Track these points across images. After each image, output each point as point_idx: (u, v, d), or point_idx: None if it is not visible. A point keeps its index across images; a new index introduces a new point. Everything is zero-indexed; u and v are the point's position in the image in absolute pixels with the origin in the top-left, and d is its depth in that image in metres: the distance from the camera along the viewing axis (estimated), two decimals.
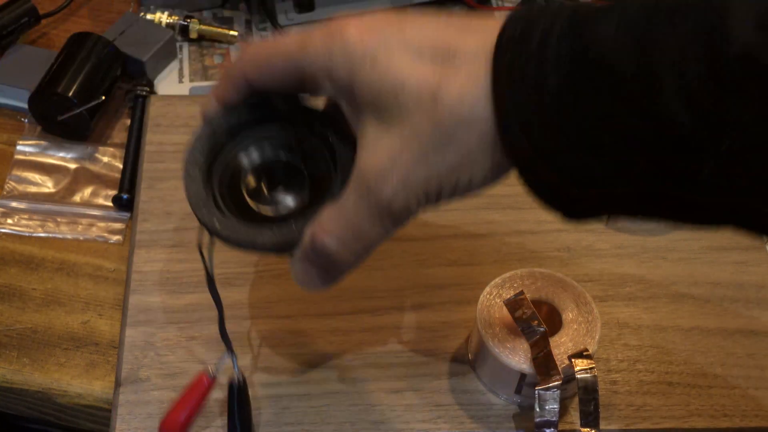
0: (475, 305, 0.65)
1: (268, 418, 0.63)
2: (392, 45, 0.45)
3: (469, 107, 0.44)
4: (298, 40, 0.48)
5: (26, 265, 0.72)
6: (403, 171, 0.46)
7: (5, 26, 0.82)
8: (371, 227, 0.48)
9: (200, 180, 0.52)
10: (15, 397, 0.68)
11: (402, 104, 0.45)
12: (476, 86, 0.43)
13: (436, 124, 0.44)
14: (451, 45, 0.45)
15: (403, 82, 0.45)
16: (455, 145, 0.45)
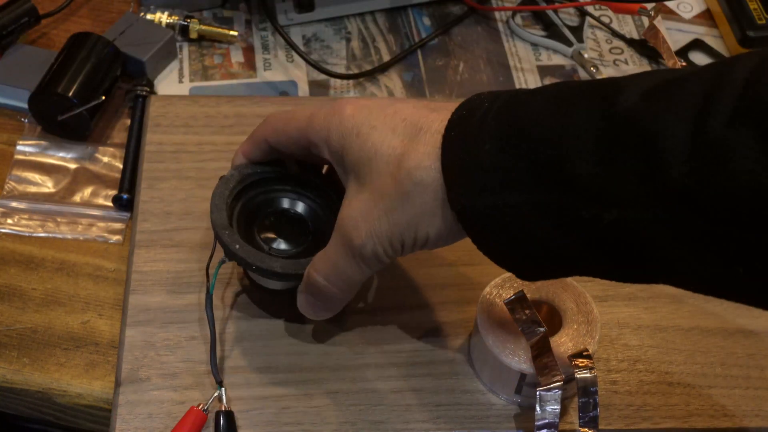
0: (475, 305, 0.65)
1: (268, 418, 0.63)
2: (375, 122, 0.56)
3: (424, 172, 0.53)
4: (308, 115, 0.60)
5: (26, 265, 0.72)
6: (371, 223, 0.56)
7: (5, 26, 0.82)
8: (349, 268, 0.58)
9: (224, 212, 0.62)
10: (15, 397, 0.68)
11: (374, 168, 0.55)
12: (431, 156, 0.53)
13: (397, 185, 0.54)
14: (419, 123, 0.55)
15: (377, 151, 0.55)
16: (412, 204, 0.54)
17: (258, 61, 0.87)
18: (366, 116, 0.57)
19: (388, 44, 0.90)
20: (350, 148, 0.57)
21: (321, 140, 0.59)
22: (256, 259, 0.61)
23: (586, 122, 0.48)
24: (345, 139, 0.57)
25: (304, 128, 0.60)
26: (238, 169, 0.65)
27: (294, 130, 0.61)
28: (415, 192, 0.54)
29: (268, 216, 0.66)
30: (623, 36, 0.92)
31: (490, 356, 0.63)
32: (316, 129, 0.59)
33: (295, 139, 0.61)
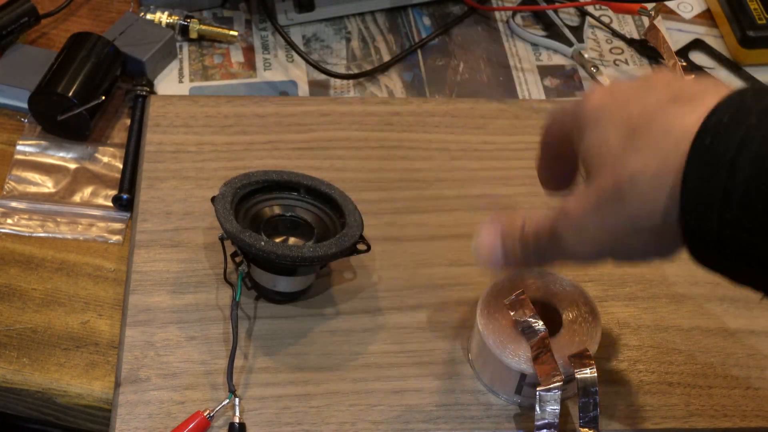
0: (475, 305, 0.65)
1: (268, 418, 0.63)
2: (613, 114, 0.50)
3: (650, 178, 0.47)
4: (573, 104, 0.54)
5: (26, 265, 0.72)
6: (581, 213, 0.51)
7: (5, 26, 0.82)
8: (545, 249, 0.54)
9: (234, 221, 0.64)
10: (15, 397, 0.67)
11: (598, 162, 0.50)
12: (665, 162, 0.47)
13: (616, 183, 0.48)
14: (657, 119, 0.48)
15: (603, 144, 0.50)
16: (628, 206, 0.48)
17: (258, 61, 0.87)
18: (607, 108, 0.51)
19: (388, 44, 0.90)
20: (587, 138, 0.51)
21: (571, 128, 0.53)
22: (285, 250, 0.62)
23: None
24: (585, 128, 0.52)
25: (560, 117, 0.55)
26: (228, 186, 0.66)
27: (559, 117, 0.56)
28: (633, 195, 0.48)
29: (271, 222, 0.67)
30: (623, 36, 0.92)
31: (490, 356, 0.63)
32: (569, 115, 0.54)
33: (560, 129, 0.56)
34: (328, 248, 0.64)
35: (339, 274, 0.70)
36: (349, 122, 0.79)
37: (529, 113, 0.81)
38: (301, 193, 0.69)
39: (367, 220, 0.69)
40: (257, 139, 0.77)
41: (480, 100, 0.82)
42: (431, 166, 0.77)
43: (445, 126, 0.80)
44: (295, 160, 0.76)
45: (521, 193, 0.76)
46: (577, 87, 0.88)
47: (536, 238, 0.54)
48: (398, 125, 0.79)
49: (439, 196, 0.75)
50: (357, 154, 0.77)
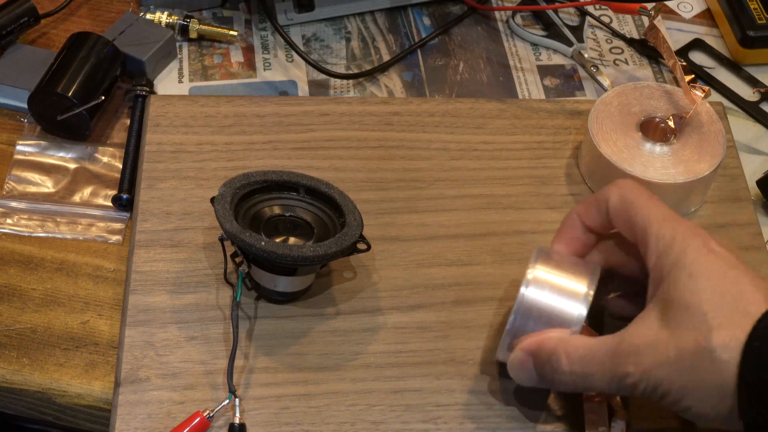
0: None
1: (268, 418, 0.63)
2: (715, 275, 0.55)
3: (723, 358, 0.52)
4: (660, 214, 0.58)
5: (26, 265, 0.72)
6: (649, 361, 0.55)
7: (5, 26, 0.82)
8: (597, 377, 0.57)
9: (234, 221, 0.64)
10: (14, 397, 0.67)
11: (685, 319, 0.54)
12: (735, 347, 0.52)
13: (696, 347, 0.53)
14: (741, 295, 0.54)
15: (699, 307, 0.54)
16: (695, 376, 0.53)
17: (258, 61, 0.87)
18: (708, 260, 0.55)
19: (388, 44, 0.90)
20: (676, 282, 0.55)
21: (656, 247, 0.57)
22: (285, 250, 0.62)
23: None
24: (676, 269, 0.55)
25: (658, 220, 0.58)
26: (227, 186, 0.66)
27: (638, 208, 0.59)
28: (702, 369, 0.53)
29: (270, 222, 0.67)
30: (623, 36, 0.92)
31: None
32: (660, 233, 0.57)
33: (623, 216, 0.59)
34: (328, 248, 0.64)
35: (339, 274, 0.70)
36: (348, 122, 0.79)
37: (528, 113, 0.81)
38: (301, 193, 0.69)
39: (367, 220, 0.69)
40: (257, 139, 0.77)
41: (480, 100, 0.82)
42: (431, 166, 0.77)
43: (445, 126, 0.80)
44: (295, 160, 0.76)
45: (520, 192, 0.76)
46: (576, 87, 0.88)
47: (585, 369, 0.57)
48: (398, 125, 0.79)
49: (439, 196, 0.75)
50: (356, 154, 0.77)
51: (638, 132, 0.76)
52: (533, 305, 0.60)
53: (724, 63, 0.90)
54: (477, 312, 0.69)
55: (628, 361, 0.55)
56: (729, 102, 0.87)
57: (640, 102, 0.78)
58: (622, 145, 0.74)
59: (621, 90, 0.78)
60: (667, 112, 0.77)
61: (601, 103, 0.77)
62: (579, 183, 0.77)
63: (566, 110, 0.82)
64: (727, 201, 0.77)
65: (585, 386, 0.59)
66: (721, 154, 0.74)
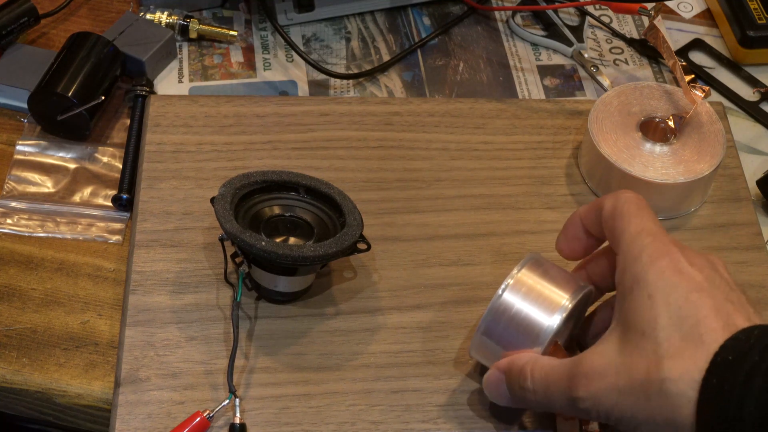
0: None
1: (268, 418, 0.63)
2: (675, 297, 0.53)
3: (676, 390, 0.51)
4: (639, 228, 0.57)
5: (26, 265, 0.72)
6: (600, 386, 0.54)
7: (5, 26, 0.82)
8: (555, 396, 0.56)
9: (234, 221, 0.63)
10: (14, 397, 0.67)
11: (640, 343, 0.53)
12: (690, 379, 0.51)
13: (647, 377, 0.52)
14: (699, 323, 0.52)
15: (652, 331, 0.52)
16: (649, 406, 0.52)
17: (258, 61, 0.87)
18: (671, 282, 0.53)
19: (387, 44, 0.90)
20: (635, 303, 0.54)
21: (623, 260, 0.56)
22: (286, 250, 0.62)
23: None
24: (637, 288, 0.54)
25: (632, 234, 0.56)
26: (227, 186, 0.66)
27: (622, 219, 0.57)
28: (653, 400, 0.52)
29: (270, 222, 0.67)
30: (623, 36, 0.92)
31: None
32: (629, 248, 0.56)
33: (610, 226, 0.58)
34: (328, 248, 0.64)
35: (339, 274, 0.70)
36: (348, 122, 0.79)
37: (528, 113, 0.81)
38: (301, 193, 0.69)
39: (367, 220, 0.69)
40: (257, 139, 0.77)
41: (479, 100, 0.82)
42: (431, 166, 0.77)
43: (445, 126, 0.80)
44: (295, 160, 0.76)
45: (520, 192, 0.76)
46: (576, 87, 0.88)
47: (545, 389, 0.57)
48: (398, 125, 0.79)
49: (439, 196, 0.75)
50: (356, 154, 0.77)
51: (638, 132, 0.76)
52: (506, 308, 0.60)
53: (724, 63, 0.90)
54: (477, 312, 0.69)
55: (580, 385, 0.54)
56: (729, 102, 0.87)
57: (640, 102, 0.78)
58: (622, 145, 0.74)
59: (621, 90, 0.78)
60: (667, 112, 0.77)
61: (601, 103, 0.77)
62: (579, 183, 0.77)
63: (566, 110, 0.82)
64: (727, 201, 0.77)
65: (548, 406, 0.58)
66: (721, 154, 0.74)
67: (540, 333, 0.59)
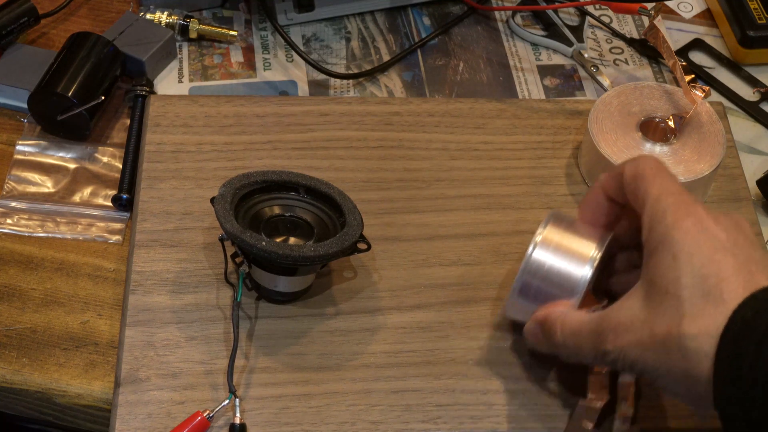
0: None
1: (268, 418, 0.63)
2: (699, 254, 0.54)
3: (694, 346, 0.53)
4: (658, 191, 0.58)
5: (26, 265, 0.72)
6: (625, 339, 0.56)
7: (5, 26, 0.82)
8: (584, 348, 0.59)
9: (234, 221, 0.63)
10: (14, 397, 0.67)
11: (664, 300, 0.54)
12: (708, 336, 0.52)
13: (668, 333, 0.54)
14: (721, 282, 0.53)
15: (676, 289, 0.54)
16: (669, 360, 0.54)
17: (258, 61, 0.87)
18: (695, 241, 0.55)
19: (387, 44, 0.90)
20: (660, 262, 0.55)
21: (648, 221, 0.57)
22: (286, 250, 0.63)
23: None
24: (662, 247, 0.55)
25: (655, 195, 0.58)
26: (227, 186, 0.66)
27: (645, 181, 0.59)
28: (672, 355, 0.54)
29: (270, 222, 0.67)
30: (623, 36, 0.92)
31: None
32: (653, 209, 0.57)
33: (632, 189, 0.60)
34: (328, 247, 0.64)
35: (339, 274, 0.70)
36: (348, 122, 0.79)
37: (528, 113, 0.81)
38: (301, 193, 0.69)
39: (367, 219, 0.69)
40: (257, 139, 0.77)
41: (479, 100, 0.82)
42: (431, 165, 0.77)
43: (445, 126, 0.80)
44: (295, 160, 0.76)
45: (520, 192, 0.76)
46: (576, 87, 0.88)
47: (576, 342, 0.59)
48: (398, 125, 0.79)
49: (439, 196, 0.75)
50: (356, 154, 0.77)
51: (638, 132, 0.76)
52: (539, 266, 0.62)
53: (724, 63, 0.90)
54: (477, 312, 0.69)
55: (607, 339, 0.57)
56: (729, 102, 0.87)
57: (640, 102, 0.78)
58: (622, 145, 0.74)
59: (621, 90, 0.78)
60: (667, 112, 0.77)
61: (601, 103, 0.77)
62: (579, 183, 0.77)
63: (566, 110, 0.82)
64: (727, 201, 0.77)
65: (577, 358, 0.60)
66: (721, 154, 0.74)
67: (574, 286, 0.61)
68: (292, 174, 0.69)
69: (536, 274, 0.62)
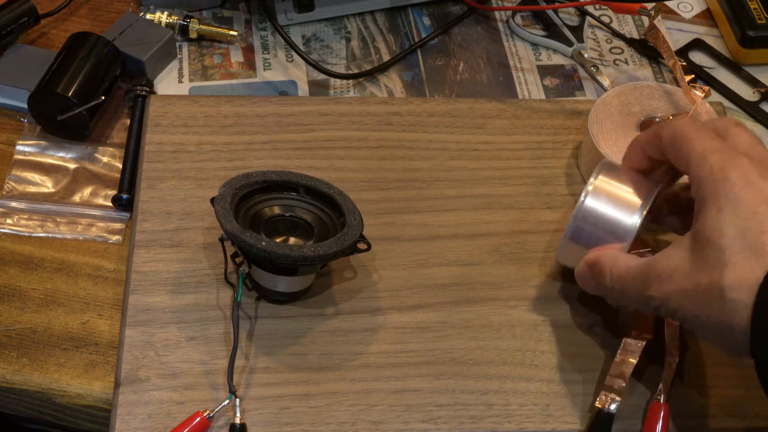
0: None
1: (267, 418, 0.63)
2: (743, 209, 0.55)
3: (735, 297, 0.54)
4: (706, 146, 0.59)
5: (26, 265, 0.72)
6: (671, 288, 0.57)
7: (5, 26, 0.82)
8: (630, 292, 0.61)
9: (234, 221, 0.64)
10: (14, 397, 0.67)
11: (708, 252, 0.55)
12: (748, 287, 0.53)
13: (709, 283, 0.55)
14: (762, 234, 0.54)
15: (720, 241, 0.55)
16: (709, 308, 0.55)
17: (258, 61, 0.87)
18: (740, 194, 0.56)
19: (387, 44, 0.90)
20: (706, 216, 0.56)
21: (696, 178, 0.58)
22: (286, 250, 0.63)
23: None
24: (709, 202, 0.56)
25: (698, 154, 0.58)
26: (227, 186, 0.67)
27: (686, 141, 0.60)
28: (713, 304, 0.55)
29: (270, 222, 0.67)
30: (623, 36, 0.92)
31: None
32: (699, 167, 0.58)
33: (673, 151, 0.61)
34: (328, 247, 0.64)
35: (339, 274, 0.70)
36: (348, 122, 0.79)
37: (528, 113, 0.81)
38: (301, 193, 0.69)
39: (367, 219, 0.69)
40: (257, 139, 0.77)
41: (479, 100, 0.82)
42: (431, 165, 0.77)
43: (445, 126, 0.80)
44: (295, 160, 0.76)
45: (520, 192, 0.76)
46: (576, 87, 0.88)
47: (621, 287, 0.61)
48: (398, 125, 0.79)
49: (439, 196, 0.75)
50: (356, 154, 0.77)
51: (638, 132, 0.76)
52: (591, 212, 0.65)
53: (724, 63, 0.90)
54: (477, 312, 0.69)
55: (652, 285, 0.58)
56: (729, 102, 0.87)
57: (640, 102, 0.78)
58: (622, 145, 0.74)
59: (621, 90, 0.78)
60: (667, 112, 0.77)
61: (601, 103, 0.77)
62: (579, 183, 0.77)
63: (566, 110, 0.82)
64: None
65: (624, 302, 0.62)
66: None
67: (624, 233, 0.64)
68: (292, 174, 0.69)
69: (587, 221, 0.65)
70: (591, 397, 0.65)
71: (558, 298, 0.70)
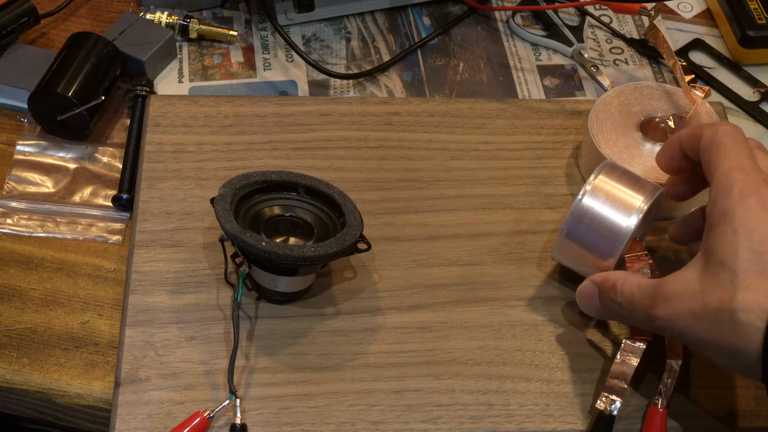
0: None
1: (267, 418, 0.63)
2: (753, 236, 0.55)
3: (746, 320, 0.53)
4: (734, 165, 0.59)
5: (26, 265, 0.72)
6: (678, 309, 0.57)
7: (5, 26, 0.82)
8: (637, 312, 0.60)
9: (234, 221, 0.64)
10: (14, 397, 0.67)
11: (717, 272, 0.55)
12: (763, 308, 0.53)
13: (720, 306, 0.54)
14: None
15: (731, 256, 0.55)
16: (719, 334, 0.55)
17: (258, 61, 0.87)
18: (757, 219, 0.56)
19: (387, 44, 0.90)
20: (720, 235, 0.56)
21: (714, 193, 0.58)
22: (286, 250, 0.63)
23: None
24: (724, 221, 0.56)
25: (726, 168, 0.58)
26: (227, 186, 0.67)
27: (719, 151, 0.60)
28: (723, 327, 0.54)
29: (270, 222, 0.68)
30: (623, 36, 0.92)
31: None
32: (721, 182, 0.58)
33: (706, 156, 0.60)
34: (328, 248, 0.64)
35: (339, 274, 0.70)
36: (348, 122, 0.79)
37: (528, 113, 0.81)
38: (301, 193, 0.69)
39: (367, 219, 0.69)
40: (257, 139, 0.77)
41: (479, 100, 0.82)
42: (431, 166, 0.77)
43: (445, 126, 0.80)
44: (295, 160, 0.76)
45: (520, 192, 0.76)
46: (576, 87, 0.88)
47: (630, 304, 0.61)
48: (398, 125, 0.79)
49: (439, 196, 0.75)
50: (356, 154, 0.77)
51: (638, 132, 0.76)
52: (587, 211, 0.65)
53: (724, 63, 0.90)
54: (477, 312, 0.69)
55: (659, 305, 0.58)
56: (729, 102, 0.87)
57: (640, 102, 0.78)
58: (622, 145, 0.74)
59: (621, 90, 0.78)
60: (667, 112, 0.77)
61: (601, 103, 0.77)
62: (579, 183, 0.77)
63: (566, 110, 0.82)
64: None
65: (630, 320, 0.62)
66: None
67: (619, 233, 0.65)
68: (292, 174, 0.69)
69: (583, 220, 0.65)
70: (591, 397, 0.65)
71: (558, 298, 0.70)
